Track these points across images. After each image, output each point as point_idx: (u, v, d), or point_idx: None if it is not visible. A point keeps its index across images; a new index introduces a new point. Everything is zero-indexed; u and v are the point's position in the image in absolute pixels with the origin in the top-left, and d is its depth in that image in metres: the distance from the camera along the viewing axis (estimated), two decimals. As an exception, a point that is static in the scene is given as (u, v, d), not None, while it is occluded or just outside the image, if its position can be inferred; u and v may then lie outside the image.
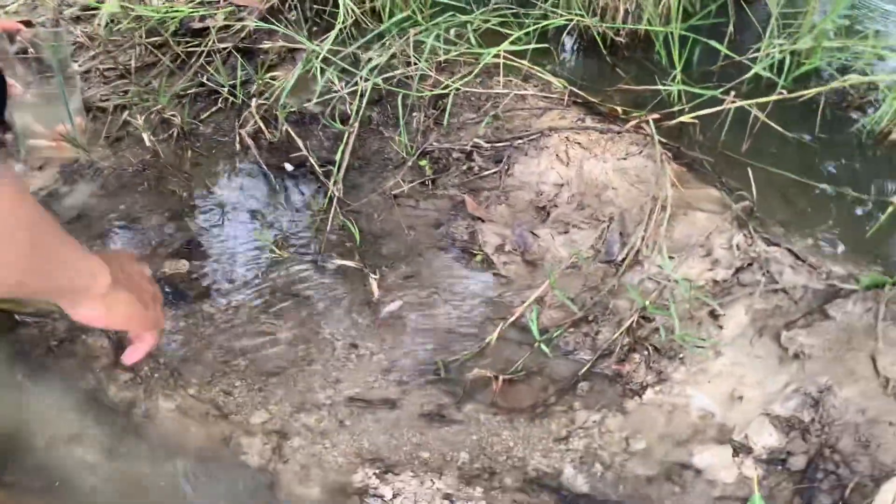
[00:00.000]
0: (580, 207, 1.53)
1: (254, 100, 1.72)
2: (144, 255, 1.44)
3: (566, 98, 1.75)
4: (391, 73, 1.74)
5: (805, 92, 1.62)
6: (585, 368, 1.25)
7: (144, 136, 1.65)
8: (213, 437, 1.15)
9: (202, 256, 1.43)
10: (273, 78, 1.75)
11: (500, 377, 1.20)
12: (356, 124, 1.58)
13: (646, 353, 1.24)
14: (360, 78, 1.67)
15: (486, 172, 1.59)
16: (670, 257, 1.39)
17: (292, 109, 1.71)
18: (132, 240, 1.46)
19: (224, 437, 1.15)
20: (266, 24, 1.83)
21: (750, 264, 1.36)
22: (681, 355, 1.24)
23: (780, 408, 1.17)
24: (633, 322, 1.27)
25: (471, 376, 1.20)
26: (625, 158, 1.59)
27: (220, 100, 1.77)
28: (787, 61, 1.70)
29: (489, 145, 1.60)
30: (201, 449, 1.13)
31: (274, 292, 1.38)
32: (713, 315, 1.30)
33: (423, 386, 1.23)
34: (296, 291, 1.37)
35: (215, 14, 1.89)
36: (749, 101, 1.64)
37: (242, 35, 1.89)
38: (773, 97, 1.63)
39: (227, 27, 1.89)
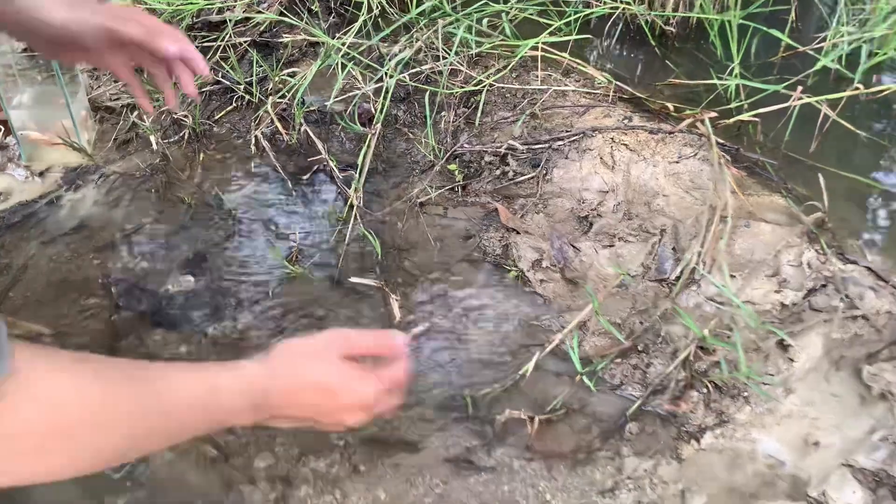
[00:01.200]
0: (627, 217, 1.34)
1: (270, 98, 1.56)
2: (155, 269, 1.29)
3: (611, 94, 1.57)
4: (418, 69, 1.57)
5: (885, 87, 1.41)
6: (635, 407, 1.07)
7: (152, 138, 1.50)
8: (212, 483, 1.00)
9: (210, 272, 1.28)
10: (292, 74, 1.60)
11: (536, 418, 1.02)
12: (378, 126, 1.41)
13: (705, 390, 1.06)
14: (385, 74, 1.50)
15: (522, 178, 1.41)
16: (731, 276, 1.20)
17: (311, 108, 1.55)
18: (135, 252, 1.32)
19: (224, 483, 1.00)
20: (286, 17, 1.66)
21: (824, 285, 1.16)
22: (745, 393, 1.06)
23: (865, 459, 0.98)
24: (689, 354, 1.09)
25: (502, 418, 1.03)
26: (677, 162, 1.40)
27: (236, 98, 1.62)
28: (862, 51, 1.49)
29: (525, 147, 1.43)
30: (199, 497, 0.98)
31: (286, 313, 1.22)
32: (782, 345, 1.11)
33: (449, 425, 1.07)
34: (310, 312, 1.22)
35: (234, 6, 1.73)
36: (819, 98, 1.44)
37: (262, 28, 1.73)
38: (847, 93, 1.42)
39: (245, 20, 1.73)
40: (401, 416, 1.08)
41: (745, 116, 1.48)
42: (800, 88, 1.42)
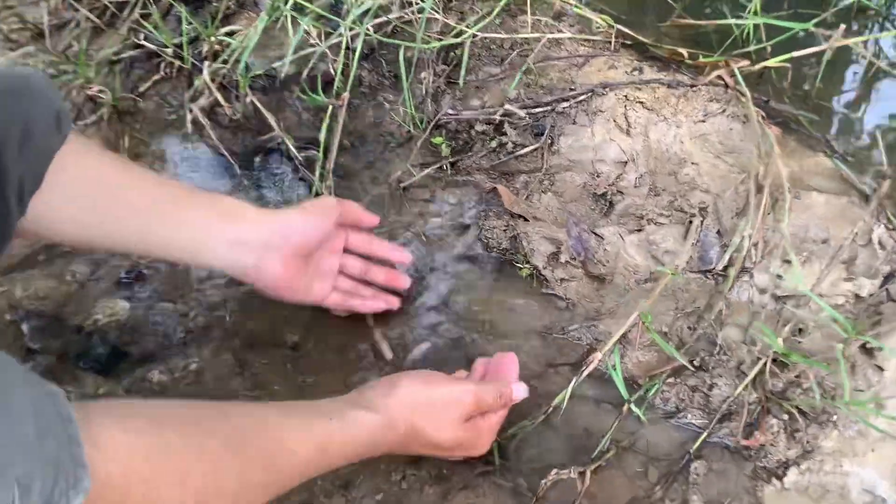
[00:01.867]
0: (654, 193, 1.10)
1: (206, 63, 1.25)
2: (78, 294, 1.01)
3: (613, 40, 1.30)
4: (384, 17, 1.28)
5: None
6: (700, 441, 0.85)
7: None
8: None
9: (148, 293, 1.00)
10: (230, 33, 1.29)
11: (588, 472, 0.79)
12: (346, 95, 1.13)
13: (786, 416, 0.84)
14: (345, 28, 1.21)
15: (524, 150, 1.15)
16: (787, 262, 0.98)
17: (257, 73, 1.25)
18: (45, 274, 1.02)
19: None
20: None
21: (903, 269, 0.95)
22: (834, 417, 0.84)
23: None
24: (762, 368, 0.86)
25: (548, 481, 0.79)
26: (703, 121, 1.17)
27: (164, 65, 1.30)
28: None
29: (524, 112, 1.16)
30: None
31: (250, 344, 0.95)
32: (866, 350, 0.89)
33: (473, 482, 0.83)
34: (280, 340, 0.95)
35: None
36: (858, 39, 1.20)
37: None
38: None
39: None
40: (409, 476, 0.84)
41: (772, 62, 1.24)
42: (842, 28, 1.18)
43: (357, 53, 1.18)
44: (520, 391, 0.82)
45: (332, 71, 1.26)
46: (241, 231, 0.79)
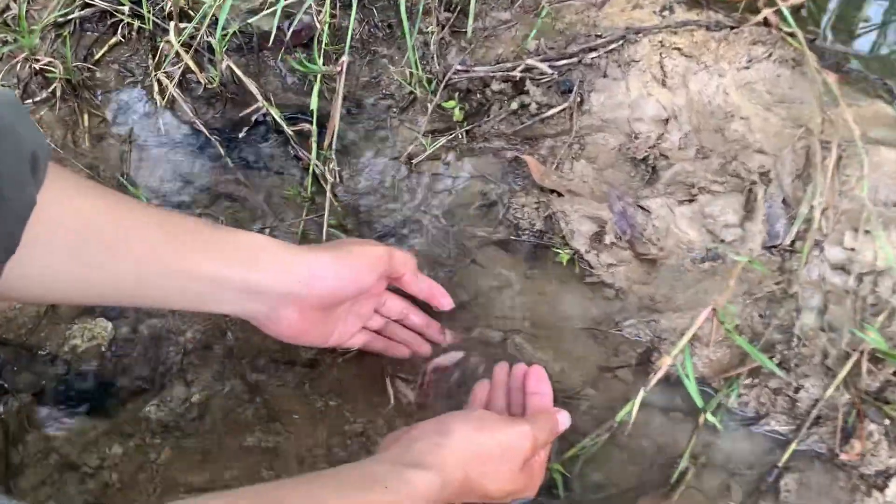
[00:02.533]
0: (702, 156, 0.96)
1: (171, 24, 1.06)
2: (50, 316, 0.85)
3: (634, -26, 1.13)
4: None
5: None
6: (789, 452, 0.73)
7: None
8: None
9: (135, 310, 0.84)
10: (197, -14, 1.09)
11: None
12: (345, 59, 0.95)
13: (886, 420, 0.73)
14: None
15: (550, 111, 0.99)
16: (860, 230, 0.86)
17: (229, 30, 1.07)
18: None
19: None
20: None
21: None
22: (937, 416, 0.73)
23: None
24: (855, 365, 0.75)
25: None
26: (747, 67, 1.02)
27: (120, 27, 1.11)
28: None
29: (548, 65, 1.00)
30: None
31: (258, 365, 0.81)
32: (965, 334, 0.78)
33: None
34: (292, 357, 0.81)
35: None
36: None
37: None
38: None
39: None
40: None
41: (816, -8, 1.08)
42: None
43: (354, 4, 0.99)
44: (565, 420, 0.74)
45: (315, 24, 1.08)
46: (258, 280, 0.65)
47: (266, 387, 0.81)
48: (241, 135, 1.05)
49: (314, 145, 0.99)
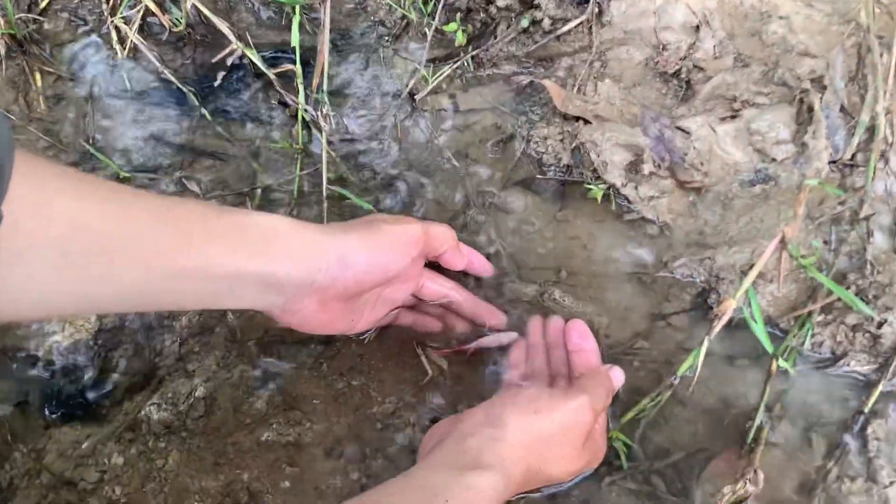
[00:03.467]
0: (742, 64, 0.85)
1: (122, -40, 0.92)
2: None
3: None
4: None
5: None
6: (875, 396, 0.65)
7: None
8: None
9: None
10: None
11: (758, 472, 0.58)
12: (327, -17, 0.82)
13: None
14: None
15: (566, 26, 0.87)
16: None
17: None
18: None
19: None
20: None
21: None
22: None
23: None
24: None
25: (722, 501, 0.59)
26: (782, -44, 0.88)
27: (63, -32, 0.96)
28: None
29: (558, -26, 0.87)
30: None
31: (268, 347, 0.71)
32: None
33: (600, 498, 0.62)
34: (303, 336, 0.71)
35: None
36: None
37: None
38: None
39: None
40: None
41: None
42: None
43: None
44: (619, 377, 0.67)
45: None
46: (275, 271, 0.54)
47: (278, 371, 0.71)
48: (216, 83, 0.92)
49: (301, 88, 0.86)
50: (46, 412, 0.68)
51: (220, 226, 0.51)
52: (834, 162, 0.78)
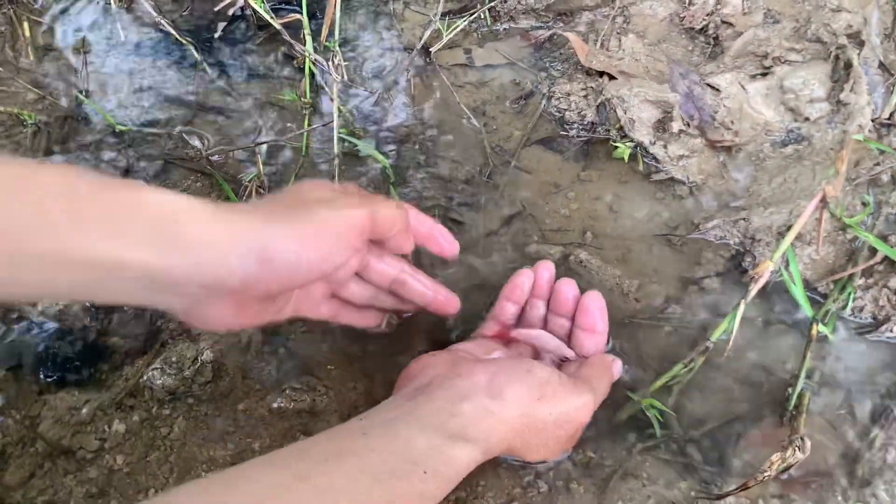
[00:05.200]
0: (772, 20, 0.81)
1: None
2: None
3: None
4: None
5: None
6: None
7: None
8: None
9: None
10: None
11: (796, 451, 0.55)
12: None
13: None
14: None
15: (588, -21, 0.83)
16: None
17: None
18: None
19: None
20: None
21: None
22: None
23: None
24: None
25: (767, 474, 0.55)
26: None
27: (52, -90, 0.90)
28: None
29: (579, -76, 0.83)
30: None
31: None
32: None
33: (633, 467, 0.59)
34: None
35: None
36: None
37: None
38: None
39: None
40: (546, 473, 0.59)
41: None
42: None
43: None
44: (619, 371, 0.62)
45: None
46: (168, 266, 0.41)
47: (289, 333, 0.66)
48: (216, 34, 0.86)
49: (308, 39, 0.81)
50: (41, 376, 0.63)
51: (96, 203, 0.39)
52: (872, 120, 0.74)
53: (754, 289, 0.61)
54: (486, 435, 0.50)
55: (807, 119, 0.76)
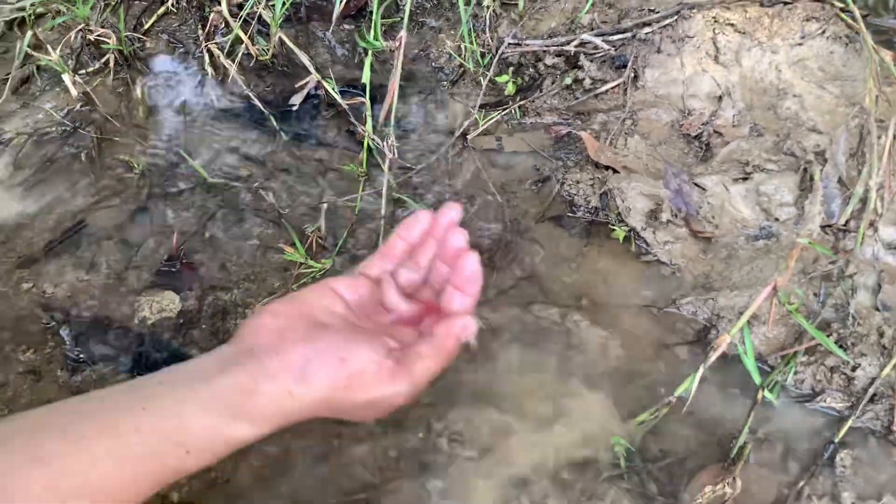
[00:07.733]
0: (757, 134, 0.97)
1: (222, -5, 1.07)
2: (116, 286, 0.87)
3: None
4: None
5: None
6: (845, 428, 0.76)
7: (66, 77, 1.01)
8: None
9: (198, 279, 0.87)
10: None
11: (737, 480, 0.70)
12: (403, 34, 0.96)
13: None
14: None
15: (604, 87, 1.00)
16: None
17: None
18: (81, 262, 0.88)
19: None
20: None
21: None
22: None
23: None
24: None
25: (702, 500, 0.70)
26: (800, 44, 1.02)
27: (169, -4, 1.11)
28: None
29: (601, 40, 1.00)
30: None
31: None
32: None
33: (598, 492, 0.74)
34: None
35: None
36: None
37: None
38: None
39: None
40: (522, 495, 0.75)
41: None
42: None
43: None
44: (470, 333, 0.51)
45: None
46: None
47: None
48: (294, 107, 1.06)
49: (369, 119, 0.99)
50: (136, 375, 0.80)
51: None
52: (829, 226, 0.90)
53: (713, 356, 0.77)
54: (278, 416, 0.48)
55: (776, 219, 0.91)
